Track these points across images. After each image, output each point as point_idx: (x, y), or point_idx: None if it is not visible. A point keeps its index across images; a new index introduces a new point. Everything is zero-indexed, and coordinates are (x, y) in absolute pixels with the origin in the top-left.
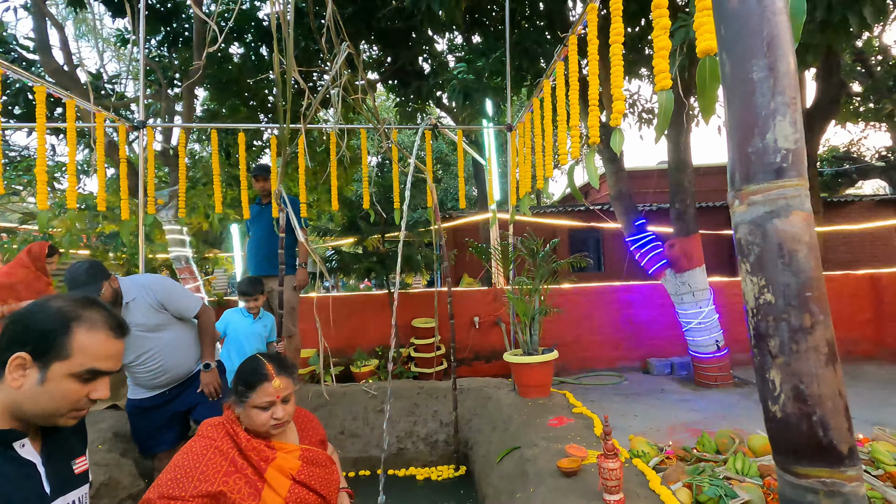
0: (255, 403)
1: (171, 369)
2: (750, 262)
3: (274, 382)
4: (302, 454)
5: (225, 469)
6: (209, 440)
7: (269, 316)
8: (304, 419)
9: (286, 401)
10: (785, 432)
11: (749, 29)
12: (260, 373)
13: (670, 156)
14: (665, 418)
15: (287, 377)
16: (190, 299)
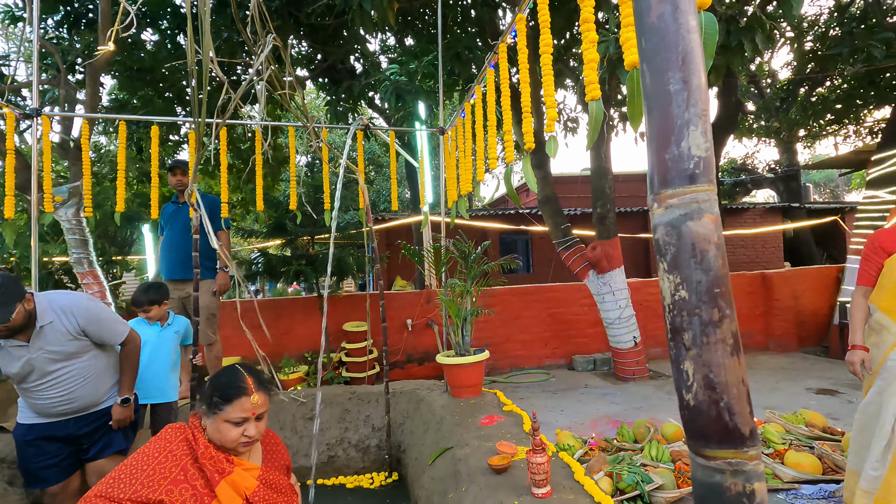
0: (228, 417)
1: (78, 398)
2: (667, 261)
3: (253, 398)
4: (262, 475)
5: (173, 476)
6: (165, 443)
7: (181, 319)
8: (271, 442)
9: (260, 418)
10: (697, 418)
11: (666, 43)
12: (239, 386)
13: (593, 163)
14: (588, 412)
15: (265, 394)
16: (117, 325)
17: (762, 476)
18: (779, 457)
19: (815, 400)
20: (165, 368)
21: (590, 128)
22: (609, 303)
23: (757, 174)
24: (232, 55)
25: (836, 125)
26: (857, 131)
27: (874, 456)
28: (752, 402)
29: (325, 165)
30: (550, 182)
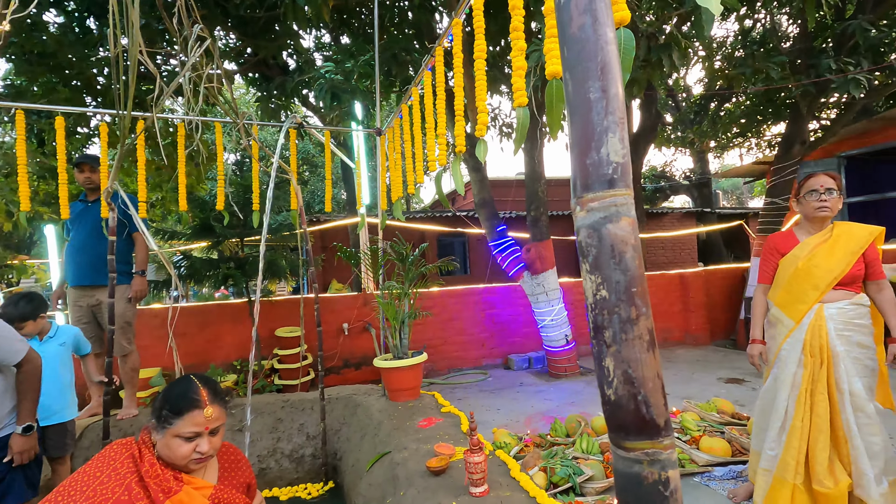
0: (178, 432)
1: None
2: (589, 262)
3: (206, 411)
4: (215, 495)
5: (116, 497)
6: (108, 460)
7: (66, 329)
8: (230, 458)
9: (214, 433)
10: (617, 412)
11: (587, 53)
12: (191, 398)
13: (526, 168)
14: (524, 409)
15: (220, 406)
16: (12, 343)
17: (675, 464)
18: (695, 443)
19: (725, 389)
20: (55, 386)
21: (517, 133)
22: (543, 303)
23: (674, 181)
24: (151, 44)
25: (740, 138)
26: (759, 144)
27: (771, 437)
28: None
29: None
30: (487, 185)
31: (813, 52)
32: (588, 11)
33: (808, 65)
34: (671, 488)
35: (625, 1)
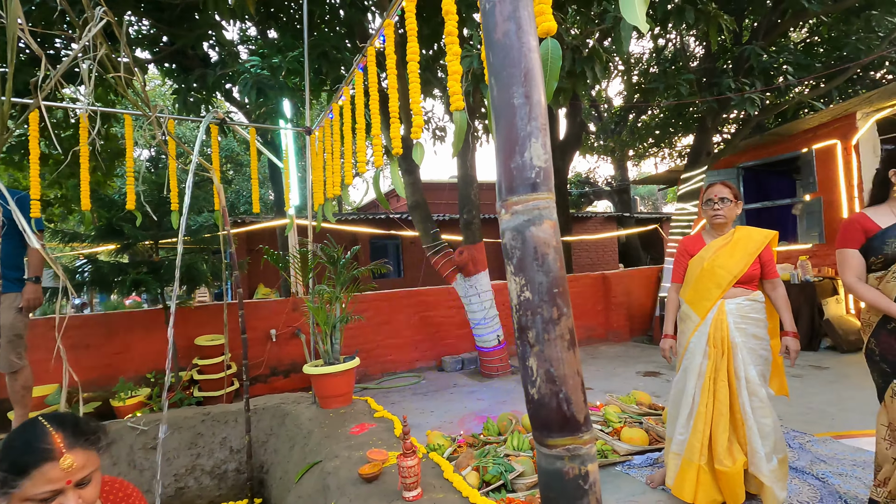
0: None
1: None
2: (513, 264)
3: (63, 461)
4: None
5: None
6: None
7: None
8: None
9: (84, 484)
10: (540, 410)
11: (511, 59)
12: (38, 449)
13: (459, 171)
14: (457, 410)
15: (86, 449)
16: None
17: (594, 457)
18: (616, 434)
19: (643, 382)
20: None
21: (455, 137)
22: (475, 304)
23: (597, 187)
24: (47, 25)
25: (655, 148)
26: (671, 154)
27: (681, 423)
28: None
29: (171, 161)
30: (420, 188)
31: (716, 72)
32: (512, 18)
33: (711, 83)
34: (590, 481)
35: (551, 13)
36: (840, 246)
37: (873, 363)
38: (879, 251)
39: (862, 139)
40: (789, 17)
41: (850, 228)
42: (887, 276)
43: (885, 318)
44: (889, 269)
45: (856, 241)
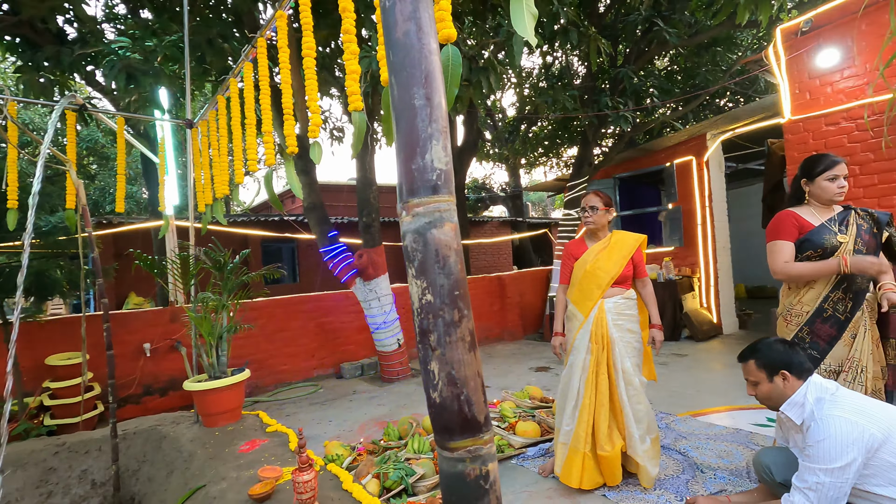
0: None
1: None
2: (415, 267)
3: None
4: None
5: None
6: None
7: None
8: None
9: None
10: (442, 414)
11: (411, 59)
12: None
13: (358, 173)
14: (357, 418)
15: None
16: None
17: (494, 456)
18: (512, 428)
19: (536, 377)
20: None
21: (354, 138)
22: (375, 308)
23: (493, 192)
24: None
25: (544, 157)
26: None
27: (567, 414)
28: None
29: (11, 150)
30: (317, 189)
31: (596, 91)
32: (412, 19)
33: (592, 100)
34: (491, 480)
35: (451, 21)
36: (774, 238)
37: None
38: (819, 245)
39: (711, 157)
40: (654, 46)
41: (784, 223)
42: None
43: (820, 307)
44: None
45: (790, 234)
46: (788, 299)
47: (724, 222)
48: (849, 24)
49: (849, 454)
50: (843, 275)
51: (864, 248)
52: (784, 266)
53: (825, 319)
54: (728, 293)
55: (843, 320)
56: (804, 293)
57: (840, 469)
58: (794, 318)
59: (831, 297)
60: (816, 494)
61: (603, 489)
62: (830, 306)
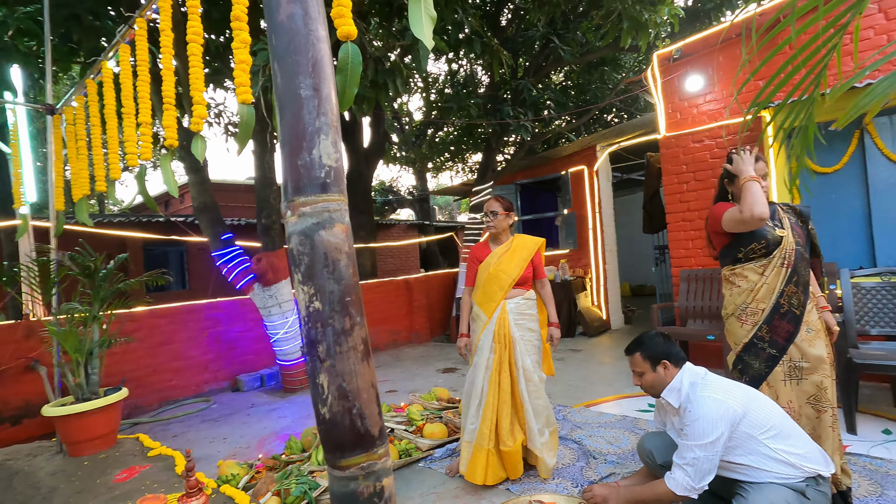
0: None
1: None
2: (301, 272)
3: None
4: None
5: None
6: None
7: None
8: None
9: None
10: (333, 431)
11: (296, 46)
12: None
13: (257, 172)
14: (255, 433)
15: None
16: None
17: (389, 471)
18: (419, 431)
19: (443, 378)
20: None
21: (240, 131)
22: (276, 316)
23: (400, 196)
24: None
25: (451, 162)
26: (464, 168)
27: (472, 413)
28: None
29: None
30: (209, 188)
31: (498, 100)
32: (298, 2)
33: (495, 109)
34: (386, 497)
35: (351, 18)
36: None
37: (756, 353)
38: (762, 237)
39: (600, 167)
40: (551, 62)
41: (724, 205)
42: (772, 262)
43: (777, 303)
44: (772, 254)
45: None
46: (741, 298)
47: (611, 227)
48: (710, 54)
49: (718, 429)
50: (791, 267)
51: (800, 239)
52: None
53: (783, 315)
54: (615, 292)
55: (798, 315)
56: (758, 290)
57: (711, 443)
58: (749, 318)
59: (786, 292)
60: (693, 469)
61: (506, 483)
62: (786, 301)
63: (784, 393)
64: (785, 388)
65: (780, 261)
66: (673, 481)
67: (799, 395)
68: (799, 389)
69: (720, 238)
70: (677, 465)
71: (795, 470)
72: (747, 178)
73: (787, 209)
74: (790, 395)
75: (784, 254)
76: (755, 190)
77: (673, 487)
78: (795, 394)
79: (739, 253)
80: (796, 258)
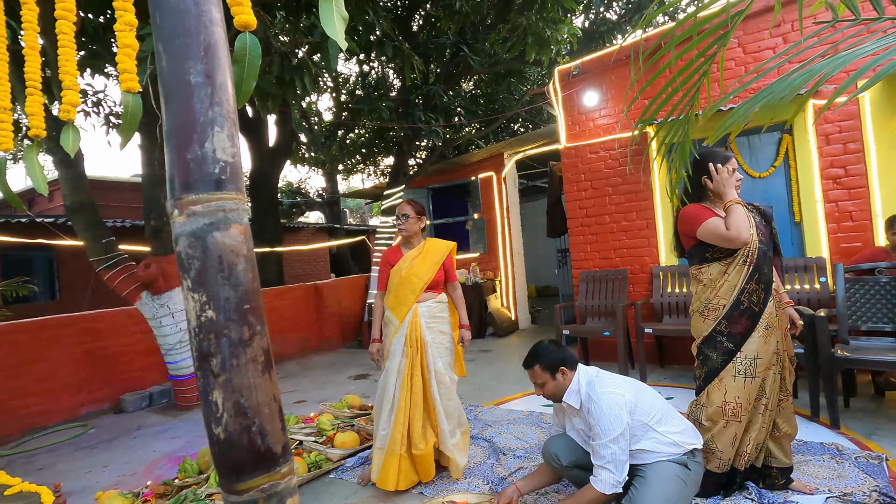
0: None
1: None
2: (191, 278)
3: None
4: None
5: None
6: None
7: None
8: None
9: None
10: (228, 452)
11: (185, 28)
12: None
13: (145, 169)
14: (142, 458)
15: None
16: None
17: (294, 490)
18: (330, 441)
19: (355, 385)
20: None
21: (124, 123)
22: (168, 326)
23: (309, 198)
24: None
25: (362, 164)
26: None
27: (383, 418)
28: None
29: None
30: (85, 185)
31: (410, 104)
32: None
33: (406, 113)
34: None
35: (250, 7)
36: (703, 220)
37: (714, 346)
38: None
39: (508, 174)
40: (461, 70)
41: (700, 210)
42: (735, 260)
43: (737, 299)
44: (735, 254)
45: (712, 214)
46: (705, 295)
47: (518, 231)
48: (604, 73)
49: (623, 420)
50: (753, 265)
51: (764, 238)
52: (730, 230)
53: (742, 312)
54: (522, 293)
55: (756, 312)
56: (720, 287)
57: (621, 435)
58: (711, 313)
59: (747, 289)
60: (614, 464)
61: (419, 486)
62: (746, 298)
63: (732, 388)
64: (734, 382)
65: (743, 259)
66: (600, 483)
67: (750, 391)
68: (751, 385)
69: (690, 240)
70: (599, 466)
71: (678, 448)
72: (731, 202)
73: (752, 209)
74: (739, 390)
75: (748, 252)
76: (741, 214)
77: (602, 489)
78: (746, 389)
79: (707, 252)
80: (759, 257)
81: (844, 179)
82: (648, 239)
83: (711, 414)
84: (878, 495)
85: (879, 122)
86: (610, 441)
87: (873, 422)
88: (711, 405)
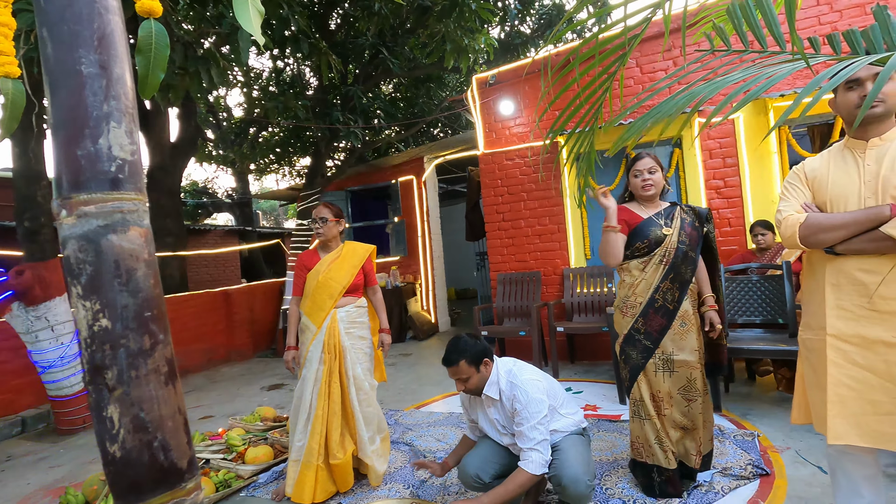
0: None
1: None
2: (82, 284)
3: None
4: None
5: None
6: None
7: None
8: None
9: None
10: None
11: (76, 13)
12: None
13: (17, 163)
14: (13, 493)
15: None
16: None
17: None
18: (241, 457)
19: (269, 396)
20: None
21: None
22: (46, 341)
23: (217, 198)
24: None
25: (276, 164)
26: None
27: (299, 429)
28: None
29: None
30: None
31: (328, 104)
32: None
33: (324, 113)
34: None
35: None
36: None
37: (634, 344)
38: (645, 236)
39: (428, 178)
40: (381, 72)
41: (623, 211)
42: (652, 259)
43: (652, 297)
44: (653, 252)
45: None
46: (623, 292)
47: (438, 235)
48: (518, 84)
49: (545, 403)
50: (669, 265)
51: (688, 239)
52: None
53: (657, 309)
54: (442, 296)
55: (671, 310)
56: (637, 285)
57: (546, 417)
58: (629, 310)
59: (661, 287)
60: (542, 445)
61: (337, 497)
62: (661, 296)
63: (655, 383)
64: (656, 378)
65: (660, 258)
66: (532, 464)
67: (671, 386)
68: (671, 381)
69: None
70: (528, 448)
71: (576, 426)
72: (604, 227)
73: (688, 210)
74: (661, 385)
75: (665, 252)
76: (608, 240)
77: (534, 470)
78: (667, 385)
79: (628, 250)
80: (676, 256)
81: (724, 189)
82: (560, 242)
83: (647, 409)
84: (753, 468)
85: (750, 140)
86: (537, 423)
87: (748, 404)
88: (644, 401)
